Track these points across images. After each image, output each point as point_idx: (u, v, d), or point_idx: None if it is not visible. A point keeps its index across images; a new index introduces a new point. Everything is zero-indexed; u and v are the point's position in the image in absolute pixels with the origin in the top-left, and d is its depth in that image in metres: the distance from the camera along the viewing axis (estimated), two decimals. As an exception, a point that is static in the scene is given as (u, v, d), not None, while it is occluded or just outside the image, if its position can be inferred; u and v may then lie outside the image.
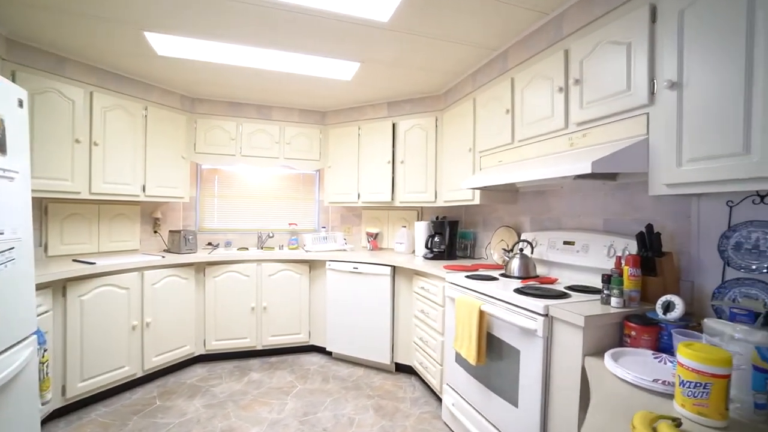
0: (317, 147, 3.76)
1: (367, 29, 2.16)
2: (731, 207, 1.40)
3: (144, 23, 2.14)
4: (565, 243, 2.10)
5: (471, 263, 2.75)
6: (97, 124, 2.68)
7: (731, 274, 1.39)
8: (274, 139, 3.61)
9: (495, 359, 1.81)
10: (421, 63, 2.62)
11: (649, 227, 1.59)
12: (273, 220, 3.93)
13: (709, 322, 1.12)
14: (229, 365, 3.15)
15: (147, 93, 3.03)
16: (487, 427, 1.85)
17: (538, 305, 1.53)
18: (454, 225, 3.12)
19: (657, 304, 1.37)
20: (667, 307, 1.34)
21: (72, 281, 2.30)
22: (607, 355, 1.24)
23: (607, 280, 1.52)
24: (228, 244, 3.68)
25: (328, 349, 3.29)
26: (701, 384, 0.88)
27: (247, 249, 3.57)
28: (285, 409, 2.46)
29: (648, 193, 1.43)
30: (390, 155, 3.38)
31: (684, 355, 0.91)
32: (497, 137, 2.37)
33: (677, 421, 0.87)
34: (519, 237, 2.54)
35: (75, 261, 2.58)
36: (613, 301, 1.48)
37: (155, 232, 3.42)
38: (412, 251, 3.48)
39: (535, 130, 2.04)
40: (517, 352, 1.66)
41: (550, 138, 1.94)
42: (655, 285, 1.54)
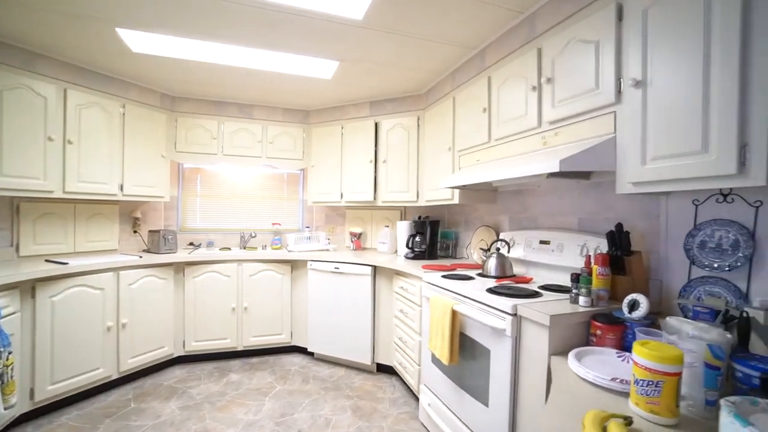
0: (300, 146, 3.73)
1: (343, 27, 2.14)
2: (697, 206, 1.41)
3: (117, 19, 2.10)
4: (541, 242, 2.10)
5: (450, 263, 2.74)
6: (71, 122, 2.62)
7: (697, 272, 1.40)
8: (257, 138, 3.57)
9: (468, 359, 1.80)
10: (399, 61, 2.60)
11: (619, 226, 1.59)
12: (257, 220, 3.89)
13: (669, 321, 1.12)
14: (209, 366, 3.11)
15: (124, 91, 2.98)
16: (460, 428, 1.84)
17: (507, 304, 1.52)
18: (435, 225, 3.11)
19: (623, 303, 1.37)
20: (633, 305, 1.34)
21: (42, 282, 2.25)
22: (571, 355, 1.23)
23: (576, 279, 1.51)
24: (210, 244, 3.64)
25: (310, 349, 3.26)
26: (653, 382, 0.88)
27: (229, 249, 3.53)
28: (262, 410, 2.42)
29: (615, 191, 1.43)
30: (372, 154, 3.36)
31: (638, 354, 0.91)
32: (475, 136, 2.36)
33: (628, 420, 0.87)
34: (498, 236, 2.53)
35: (48, 261, 2.53)
36: (581, 300, 1.47)
37: (135, 231, 3.36)
38: (395, 251, 3.46)
39: (510, 129, 2.03)
40: (487, 352, 1.65)
41: (525, 137, 1.93)
42: (624, 284, 1.54)
